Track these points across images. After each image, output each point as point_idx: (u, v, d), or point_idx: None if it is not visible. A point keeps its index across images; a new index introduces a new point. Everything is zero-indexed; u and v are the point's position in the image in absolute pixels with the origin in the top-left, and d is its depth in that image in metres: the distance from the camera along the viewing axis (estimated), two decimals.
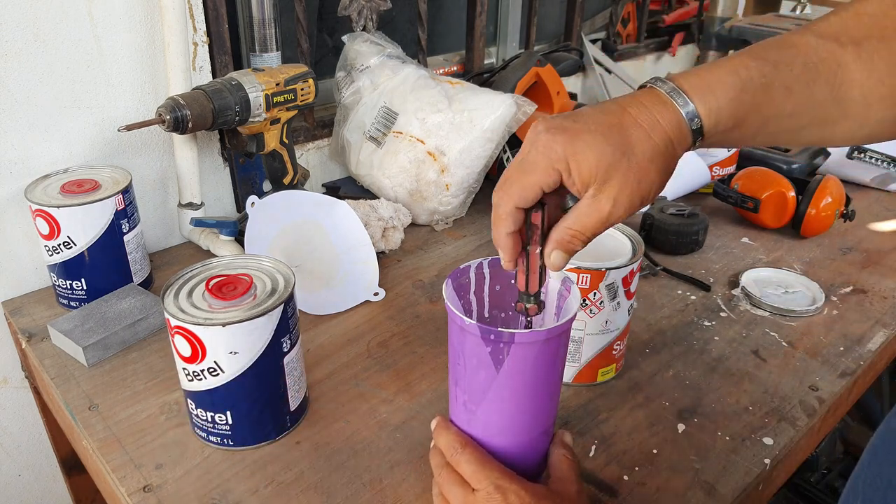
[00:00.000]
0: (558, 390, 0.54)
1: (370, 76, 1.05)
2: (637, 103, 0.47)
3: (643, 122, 0.46)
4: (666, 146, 0.46)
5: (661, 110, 0.46)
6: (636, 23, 1.68)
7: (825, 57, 0.47)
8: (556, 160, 0.45)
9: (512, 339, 0.47)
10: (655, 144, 0.46)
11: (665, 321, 0.82)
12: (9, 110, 0.78)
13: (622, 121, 0.46)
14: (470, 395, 0.52)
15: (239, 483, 0.59)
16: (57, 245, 0.77)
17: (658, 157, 0.46)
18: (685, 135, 0.47)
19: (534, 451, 0.54)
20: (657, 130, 0.46)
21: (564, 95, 1.24)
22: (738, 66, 0.47)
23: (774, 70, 0.47)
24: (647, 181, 0.46)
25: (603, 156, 0.45)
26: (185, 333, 0.56)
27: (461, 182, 1.00)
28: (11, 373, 0.88)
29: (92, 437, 0.63)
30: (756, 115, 0.47)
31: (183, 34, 0.84)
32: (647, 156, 0.46)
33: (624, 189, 0.45)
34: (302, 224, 0.85)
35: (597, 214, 0.46)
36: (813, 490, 1.45)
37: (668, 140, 0.46)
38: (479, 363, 0.49)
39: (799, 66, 0.47)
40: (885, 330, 0.80)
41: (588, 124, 0.46)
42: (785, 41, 0.49)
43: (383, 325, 0.80)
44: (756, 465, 0.61)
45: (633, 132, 0.46)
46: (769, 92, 0.47)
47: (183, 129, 0.79)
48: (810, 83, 0.47)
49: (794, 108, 0.48)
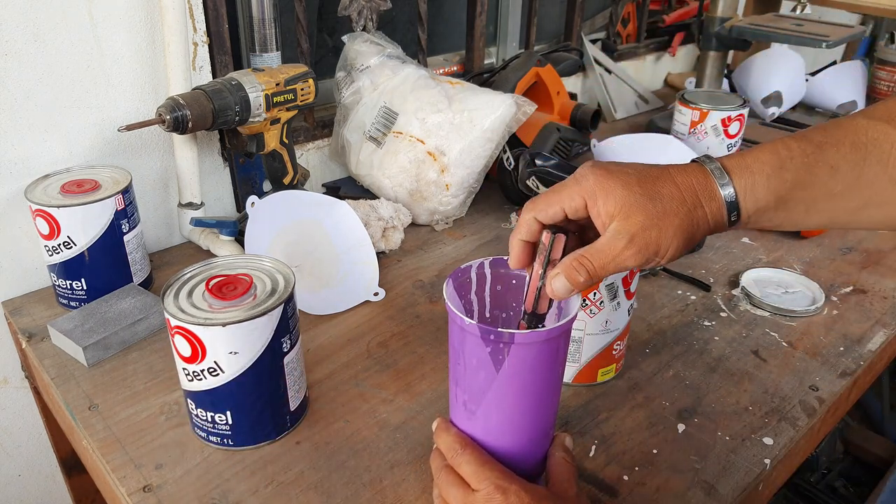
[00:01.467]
0: (558, 391, 0.54)
1: (370, 76, 1.05)
2: (680, 169, 0.49)
3: (679, 183, 0.48)
4: (695, 210, 0.47)
5: (700, 179, 0.48)
6: (636, 23, 1.68)
7: (876, 137, 0.47)
8: (586, 188, 0.47)
9: (512, 339, 0.47)
10: (685, 202, 0.47)
11: (665, 321, 0.82)
12: (9, 110, 0.78)
13: (661, 175, 0.48)
14: (470, 395, 0.52)
15: (239, 483, 0.59)
16: (57, 245, 0.77)
17: (685, 218, 0.47)
18: (719, 207, 0.48)
19: (534, 451, 0.54)
20: (690, 192, 0.47)
21: (564, 95, 1.25)
22: (780, 147, 0.48)
23: (818, 150, 0.47)
24: (668, 235, 0.47)
25: (631, 195, 0.46)
26: (185, 333, 0.56)
27: (461, 182, 1.00)
28: (11, 373, 0.88)
29: (92, 437, 0.63)
30: (801, 194, 0.48)
31: (183, 34, 0.84)
32: (673, 209, 0.47)
33: (643, 232, 0.46)
34: (302, 224, 0.85)
35: (609, 249, 0.47)
36: (813, 490, 1.45)
37: (699, 205, 0.47)
38: (479, 363, 0.49)
39: (847, 146, 0.47)
40: (885, 330, 0.80)
41: (627, 168, 0.48)
42: (832, 124, 0.49)
43: (383, 325, 0.80)
44: (756, 465, 0.61)
45: (667, 187, 0.47)
46: (812, 170, 0.47)
47: (183, 129, 0.79)
48: (859, 162, 0.47)
49: (843, 188, 0.48)
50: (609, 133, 1.20)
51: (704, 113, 1.11)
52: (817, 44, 1.24)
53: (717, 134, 1.11)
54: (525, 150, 1.04)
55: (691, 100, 1.14)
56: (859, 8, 1.57)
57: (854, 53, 2.07)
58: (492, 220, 1.05)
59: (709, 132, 1.12)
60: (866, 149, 0.47)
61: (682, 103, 1.14)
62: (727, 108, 1.11)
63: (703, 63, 1.42)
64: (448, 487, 0.51)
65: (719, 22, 1.35)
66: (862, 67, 1.53)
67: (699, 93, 1.20)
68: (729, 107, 1.11)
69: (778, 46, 1.45)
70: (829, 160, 0.48)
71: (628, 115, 1.54)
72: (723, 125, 1.10)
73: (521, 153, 1.03)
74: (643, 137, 1.11)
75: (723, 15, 1.35)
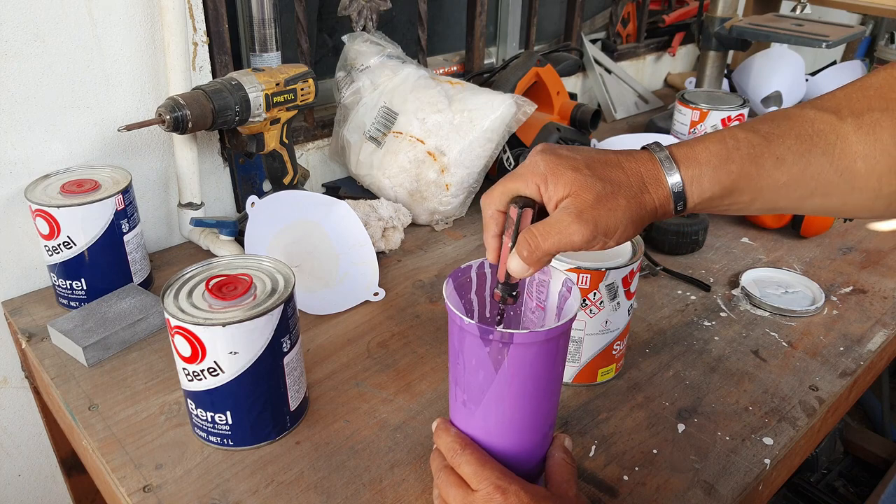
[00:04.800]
0: (558, 391, 0.54)
1: (370, 76, 1.05)
2: (629, 155, 0.50)
3: (627, 168, 0.49)
4: (641, 195, 0.48)
5: (648, 166, 0.49)
6: (636, 23, 1.68)
7: (822, 129, 0.48)
8: (538, 173, 0.49)
9: (510, 339, 0.47)
10: (631, 186, 0.48)
11: (665, 321, 0.82)
12: (9, 110, 0.78)
13: (609, 160, 0.49)
14: (469, 394, 0.52)
15: (239, 483, 0.59)
16: (57, 245, 0.77)
17: (632, 201, 0.48)
18: (666, 195, 0.48)
19: (533, 452, 0.54)
20: (637, 178, 0.48)
21: (564, 95, 1.25)
22: (727, 137, 0.49)
23: (765, 141, 0.48)
24: (615, 217, 0.47)
25: (580, 177, 0.47)
26: (185, 333, 0.56)
27: (461, 182, 1.00)
28: (11, 373, 0.88)
29: (92, 437, 0.63)
30: (747, 184, 0.48)
31: (183, 34, 0.84)
32: (621, 192, 0.48)
33: (590, 209, 0.47)
34: (302, 224, 0.85)
35: (557, 226, 0.47)
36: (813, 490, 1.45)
37: (645, 190, 0.48)
38: (478, 363, 0.49)
39: (792, 138, 0.48)
40: (885, 330, 0.80)
41: (577, 153, 0.50)
42: (781, 114, 0.50)
43: (383, 325, 0.80)
44: (756, 465, 0.61)
45: (615, 171, 0.49)
46: (758, 161, 0.48)
47: (183, 129, 0.79)
48: (804, 153, 0.48)
49: (789, 179, 0.48)
50: (609, 133, 1.20)
51: (704, 113, 1.11)
52: (817, 44, 1.24)
53: None
54: (525, 150, 1.04)
55: (691, 100, 1.14)
56: (859, 8, 1.57)
57: (854, 53, 2.07)
58: None
59: (709, 132, 1.12)
60: (812, 140, 0.48)
61: (682, 103, 1.14)
62: (727, 108, 1.11)
63: (703, 63, 1.42)
64: (448, 488, 0.51)
65: (719, 22, 1.35)
66: (862, 67, 1.53)
67: (699, 93, 1.20)
68: (729, 107, 1.11)
69: (778, 46, 1.45)
70: (774, 152, 0.48)
71: (628, 115, 1.54)
72: (723, 125, 1.10)
73: (521, 153, 1.03)
74: (643, 137, 1.11)
75: (723, 15, 1.35)
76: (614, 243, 0.48)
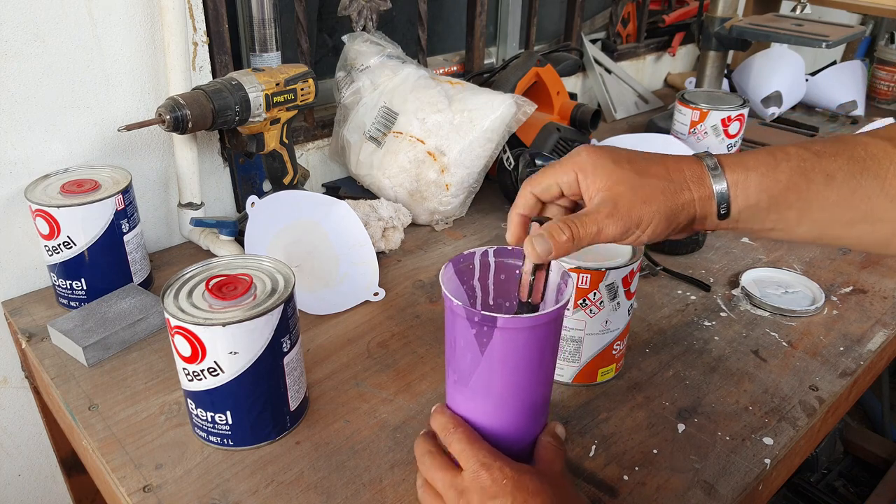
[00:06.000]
0: (548, 379, 0.55)
1: (370, 76, 1.05)
2: (675, 157, 0.51)
3: (670, 165, 0.49)
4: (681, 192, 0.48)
5: (692, 166, 0.49)
6: (636, 23, 1.68)
7: (875, 153, 0.47)
8: (578, 163, 0.50)
9: (494, 322, 0.49)
10: (671, 181, 0.49)
11: (665, 321, 0.82)
12: (9, 110, 0.78)
13: (652, 157, 0.50)
14: (459, 375, 0.53)
15: (239, 483, 0.59)
16: (57, 245, 0.77)
17: (670, 196, 0.48)
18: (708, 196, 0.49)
19: (520, 435, 0.55)
20: (678, 174, 0.49)
21: (564, 95, 1.25)
22: (777, 150, 0.49)
23: (816, 157, 0.48)
24: (650, 209, 0.48)
25: (619, 170, 0.48)
26: (185, 333, 0.56)
27: (461, 182, 1.00)
28: (11, 373, 0.88)
29: (92, 437, 0.63)
30: (794, 197, 0.48)
31: (183, 34, 0.84)
32: (659, 186, 0.48)
33: (625, 202, 0.47)
34: (302, 224, 0.85)
35: (592, 214, 0.48)
36: (813, 490, 1.45)
37: (686, 188, 0.49)
38: (466, 345, 0.51)
39: (844, 158, 0.48)
40: (885, 330, 0.80)
41: (620, 150, 0.51)
42: (833, 136, 0.50)
43: (383, 325, 0.80)
44: (756, 465, 0.61)
45: (656, 167, 0.49)
46: (808, 175, 0.47)
47: (183, 129, 0.79)
48: (856, 174, 0.47)
49: (838, 198, 0.48)
50: (609, 133, 1.20)
51: (704, 113, 1.11)
52: (817, 44, 1.24)
53: (717, 134, 1.11)
54: (525, 150, 1.04)
55: (691, 100, 1.14)
56: (859, 8, 1.57)
57: (854, 53, 2.07)
58: (492, 220, 1.05)
59: (709, 132, 1.12)
60: (864, 163, 0.47)
61: (682, 103, 1.14)
62: (727, 108, 1.11)
63: (703, 63, 1.42)
64: (433, 472, 0.51)
65: (719, 22, 1.35)
66: (862, 67, 1.53)
67: (699, 93, 1.20)
68: (729, 107, 1.11)
69: (778, 46, 1.45)
70: (825, 168, 0.48)
71: (628, 115, 1.54)
72: (723, 125, 1.11)
73: (521, 153, 1.03)
74: (643, 137, 1.11)
75: (723, 15, 1.35)
76: (647, 238, 0.49)
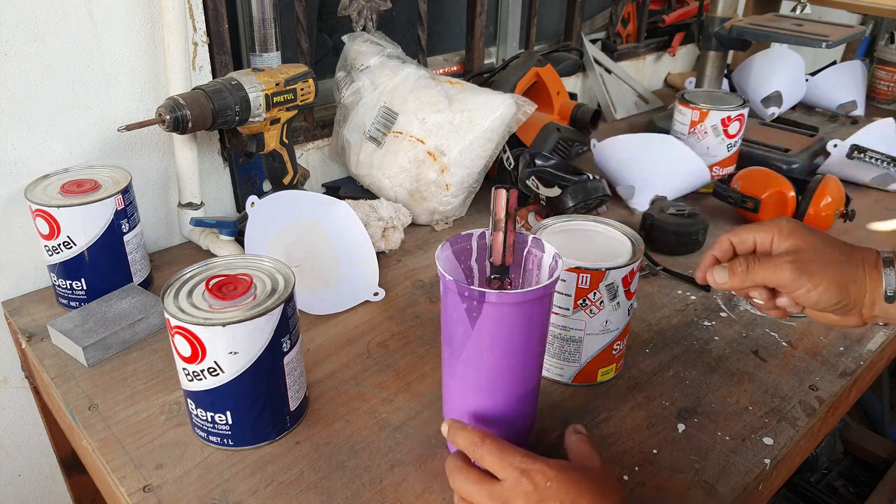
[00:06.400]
0: (538, 354, 0.56)
1: (370, 76, 1.05)
2: (857, 246, 0.59)
3: (852, 247, 0.59)
4: (853, 267, 0.57)
5: (869, 254, 0.58)
6: (636, 23, 1.68)
7: None
8: (778, 225, 0.60)
9: (482, 297, 0.50)
10: (850, 258, 0.57)
11: (665, 321, 0.82)
12: (9, 110, 0.78)
13: (838, 240, 0.59)
14: (452, 349, 0.55)
15: (239, 483, 0.59)
16: (57, 245, 0.77)
17: (843, 267, 0.57)
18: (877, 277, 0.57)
19: (510, 412, 0.56)
20: (856, 255, 0.58)
21: (564, 95, 1.25)
22: None
23: None
24: (825, 270, 0.57)
25: (810, 237, 0.58)
26: (185, 333, 0.56)
27: (461, 182, 1.00)
28: (11, 373, 0.88)
29: (92, 437, 0.63)
30: None
31: (183, 34, 0.84)
32: (835, 258, 0.57)
33: (804, 259, 0.57)
34: (302, 224, 0.85)
35: (774, 258, 0.58)
36: (813, 490, 1.45)
37: (860, 265, 0.57)
38: (458, 318, 0.53)
39: None
40: (884, 330, 0.80)
41: (816, 230, 0.60)
42: None
43: (383, 325, 0.80)
44: (756, 465, 0.61)
45: (841, 245, 0.59)
46: None
47: (183, 129, 0.79)
48: None
49: None
50: (609, 133, 1.20)
51: (704, 113, 1.11)
52: (817, 44, 1.24)
53: (717, 134, 1.11)
54: (525, 150, 1.04)
55: (691, 100, 1.14)
56: (859, 8, 1.57)
57: (854, 53, 2.07)
58: None
59: (709, 132, 1.12)
60: None
61: (682, 103, 1.14)
62: (727, 107, 1.10)
63: (703, 63, 1.42)
64: (468, 486, 0.50)
65: (719, 22, 1.35)
66: (862, 67, 1.53)
67: (699, 93, 1.20)
68: (729, 107, 1.11)
69: (778, 46, 1.45)
70: None
71: (628, 115, 1.54)
72: (723, 125, 1.10)
73: (521, 153, 1.03)
74: (643, 137, 1.10)
75: (723, 15, 1.35)
76: (816, 295, 0.57)
